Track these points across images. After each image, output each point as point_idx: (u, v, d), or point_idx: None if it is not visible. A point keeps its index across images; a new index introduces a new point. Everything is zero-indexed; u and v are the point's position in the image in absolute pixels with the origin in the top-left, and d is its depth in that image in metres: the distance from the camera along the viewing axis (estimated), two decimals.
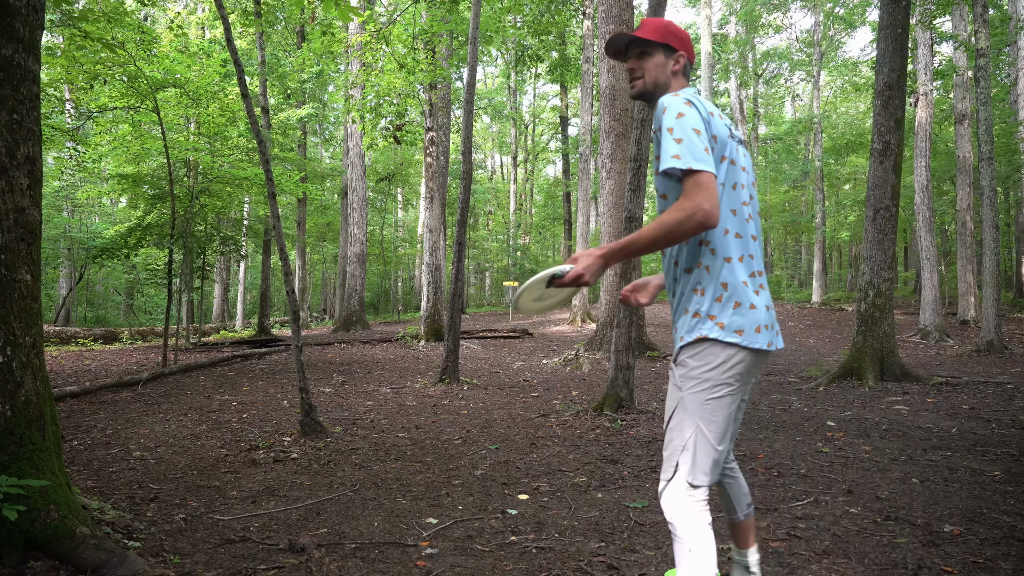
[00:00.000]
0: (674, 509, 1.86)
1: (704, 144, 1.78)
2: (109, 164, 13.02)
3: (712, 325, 1.87)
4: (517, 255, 30.39)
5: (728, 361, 1.86)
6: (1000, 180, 17.62)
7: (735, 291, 1.87)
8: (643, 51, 2.01)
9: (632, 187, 5.88)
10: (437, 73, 11.33)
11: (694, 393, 1.87)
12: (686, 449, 1.87)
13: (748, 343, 1.85)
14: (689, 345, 1.90)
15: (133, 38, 9.03)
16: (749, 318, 1.87)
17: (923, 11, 12.83)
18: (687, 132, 1.78)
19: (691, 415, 1.87)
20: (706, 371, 1.86)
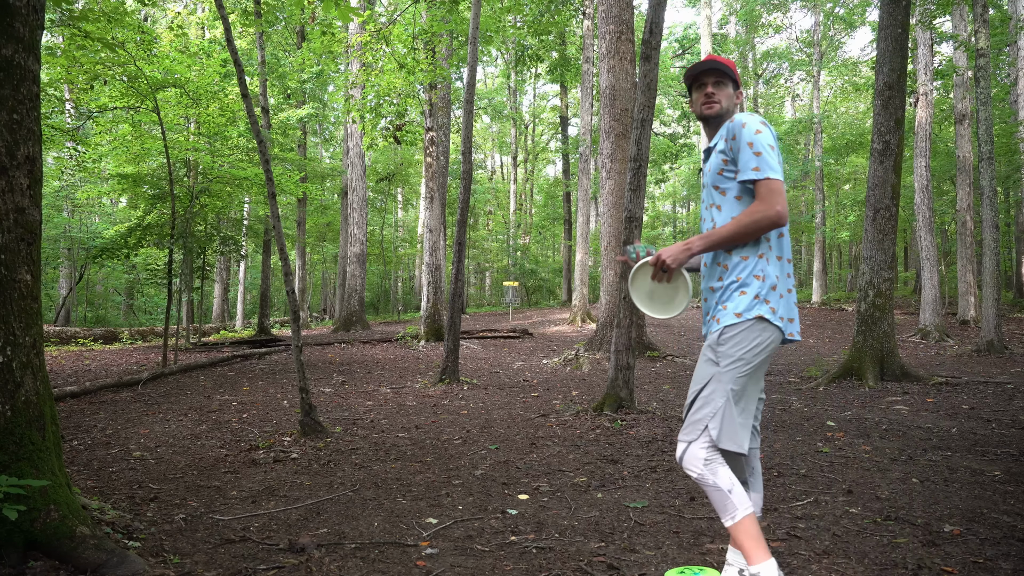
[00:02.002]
0: (698, 464, 2.13)
1: (777, 158, 2.14)
2: (109, 164, 13.02)
3: (767, 308, 2.16)
4: (517, 255, 30.38)
5: (766, 342, 2.16)
6: (1000, 180, 17.62)
7: (783, 283, 2.21)
8: (721, 81, 2.33)
9: (632, 187, 5.88)
10: (437, 73, 11.32)
11: (728, 368, 2.14)
12: (716, 415, 2.14)
13: (787, 329, 2.19)
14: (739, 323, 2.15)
15: (133, 38, 9.03)
16: (786, 307, 2.20)
17: (923, 11, 12.83)
18: (764, 147, 2.12)
19: (724, 384, 2.14)
20: (747, 349, 2.14)
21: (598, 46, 12.22)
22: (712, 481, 2.11)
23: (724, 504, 2.10)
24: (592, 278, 24.35)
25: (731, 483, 2.10)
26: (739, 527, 2.08)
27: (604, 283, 10.88)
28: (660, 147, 27.51)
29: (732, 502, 2.08)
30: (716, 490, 2.11)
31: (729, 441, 2.12)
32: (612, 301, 10.59)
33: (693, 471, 2.14)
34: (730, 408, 2.13)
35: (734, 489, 2.10)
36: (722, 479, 2.10)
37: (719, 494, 2.10)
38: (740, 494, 2.10)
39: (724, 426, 2.13)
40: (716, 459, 2.13)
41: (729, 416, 2.13)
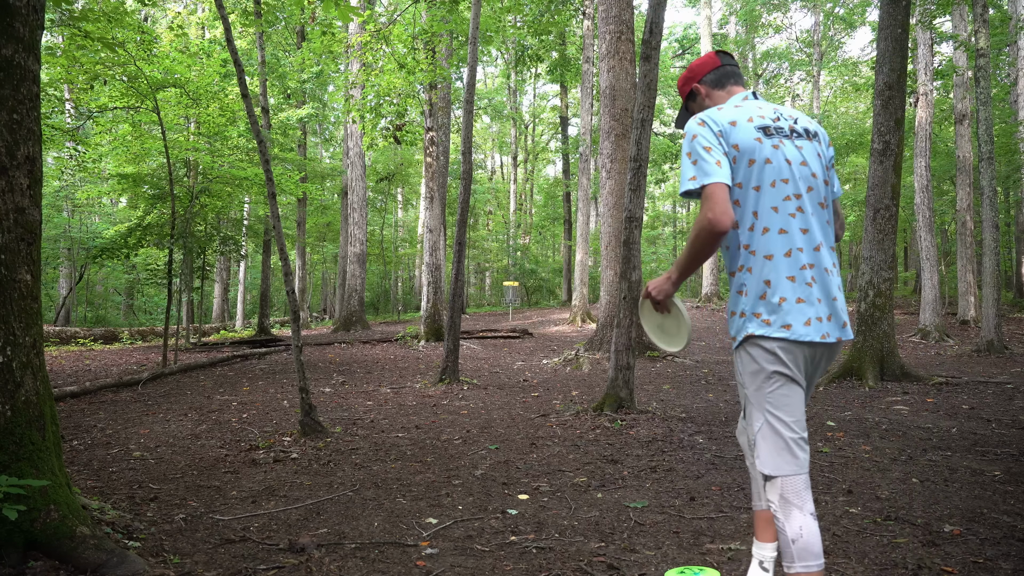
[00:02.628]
0: (771, 499, 1.93)
1: (716, 158, 1.91)
2: (109, 164, 13.02)
3: (759, 322, 1.93)
4: (517, 255, 30.38)
5: (778, 352, 1.91)
6: (1000, 180, 17.62)
7: (779, 287, 1.92)
8: (687, 107, 2.28)
9: (632, 187, 5.88)
10: (437, 73, 11.32)
11: (753, 389, 1.96)
12: (757, 443, 1.95)
13: (797, 336, 1.90)
14: (741, 345, 1.99)
15: (133, 38, 9.03)
16: (796, 312, 1.91)
17: (923, 11, 12.83)
18: (698, 151, 1.93)
19: (756, 408, 1.95)
20: (755, 366, 1.94)
21: (598, 46, 12.22)
22: (779, 524, 1.90)
23: (785, 550, 1.89)
24: (592, 278, 24.33)
25: (798, 533, 1.86)
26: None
27: (604, 283, 10.88)
28: (660, 147, 27.48)
29: (791, 551, 1.86)
30: (781, 533, 1.90)
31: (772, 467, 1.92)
32: (612, 301, 10.59)
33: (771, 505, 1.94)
34: (768, 430, 1.93)
35: (798, 541, 1.85)
36: (791, 526, 1.87)
37: (782, 539, 1.89)
38: (804, 547, 1.85)
39: (766, 452, 1.93)
40: (791, 495, 1.89)
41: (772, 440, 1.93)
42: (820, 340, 1.91)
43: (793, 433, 1.91)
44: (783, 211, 1.94)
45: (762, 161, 1.94)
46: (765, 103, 2.07)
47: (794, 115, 2.07)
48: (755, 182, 1.95)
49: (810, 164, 2.01)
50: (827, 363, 2.03)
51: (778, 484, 1.90)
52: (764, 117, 2.00)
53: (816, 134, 2.07)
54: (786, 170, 1.96)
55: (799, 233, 1.95)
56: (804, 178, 1.98)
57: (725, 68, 2.19)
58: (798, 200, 1.96)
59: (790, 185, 1.96)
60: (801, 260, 1.94)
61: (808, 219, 1.97)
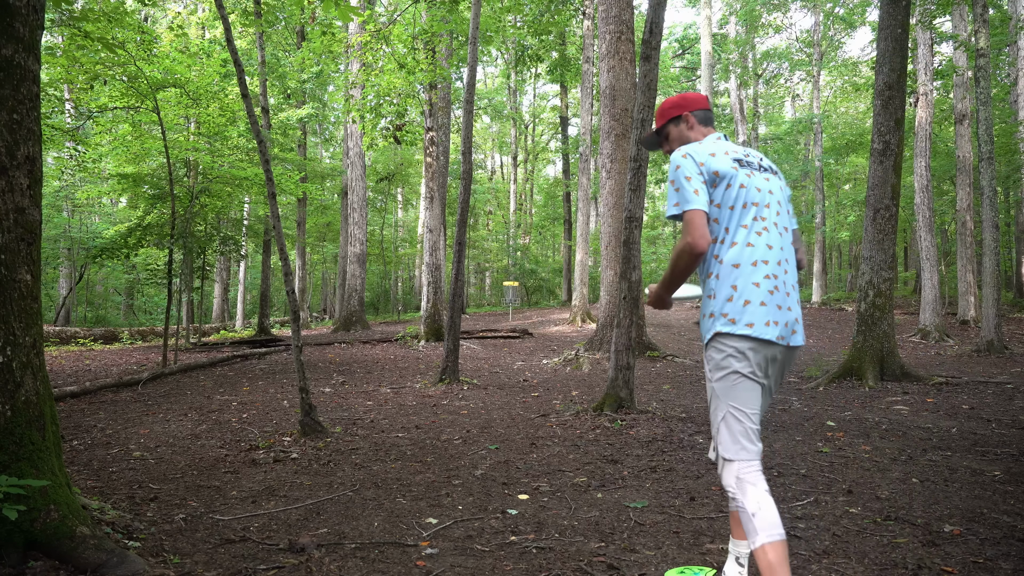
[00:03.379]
0: (728, 482, 2.14)
1: (695, 187, 2.18)
2: (109, 164, 13.02)
3: (725, 321, 2.17)
4: (517, 255, 30.37)
5: (742, 350, 2.15)
6: (1000, 180, 17.62)
7: (745, 292, 2.17)
8: (665, 135, 2.52)
9: (632, 187, 5.88)
10: (437, 73, 11.32)
11: (718, 381, 2.19)
12: (719, 430, 2.18)
13: (758, 334, 2.14)
14: (709, 342, 2.23)
15: (133, 38, 9.03)
16: (759, 313, 2.15)
17: (923, 11, 12.83)
18: (681, 181, 2.21)
19: (719, 399, 2.18)
20: (721, 360, 2.17)
21: (598, 46, 12.22)
22: (739, 502, 2.09)
23: (747, 526, 2.05)
24: (592, 278, 24.33)
25: (756, 506, 2.04)
26: (758, 553, 2.01)
27: (604, 283, 10.88)
28: None
29: (753, 525, 2.02)
30: (742, 511, 2.07)
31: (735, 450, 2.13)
32: (612, 301, 10.59)
33: (725, 487, 2.16)
34: (730, 418, 2.16)
35: (758, 513, 2.02)
36: (748, 501, 2.06)
37: (743, 516, 2.06)
38: (764, 519, 2.02)
39: (727, 437, 2.16)
40: (746, 476, 2.09)
41: (732, 427, 2.15)
42: (776, 340, 2.15)
43: (752, 424, 2.14)
44: (751, 228, 2.22)
45: (737, 185, 2.23)
46: (732, 144, 2.37)
47: (758, 155, 2.41)
48: (730, 203, 2.23)
49: (775, 193, 2.31)
50: (784, 367, 2.28)
51: (735, 467, 2.12)
52: (736, 153, 2.32)
53: (777, 172, 2.41)
54: (756, 195, 2.25)
55: (765, 248, 2.22)
56: (771, 204, 2.28)
57: (709, 112, 2.49)
58: (764, 221, 2.24)
59: (759, 208, 2.24)
60: (765, 271, 2.19)
61: (773, 238, 2.24)
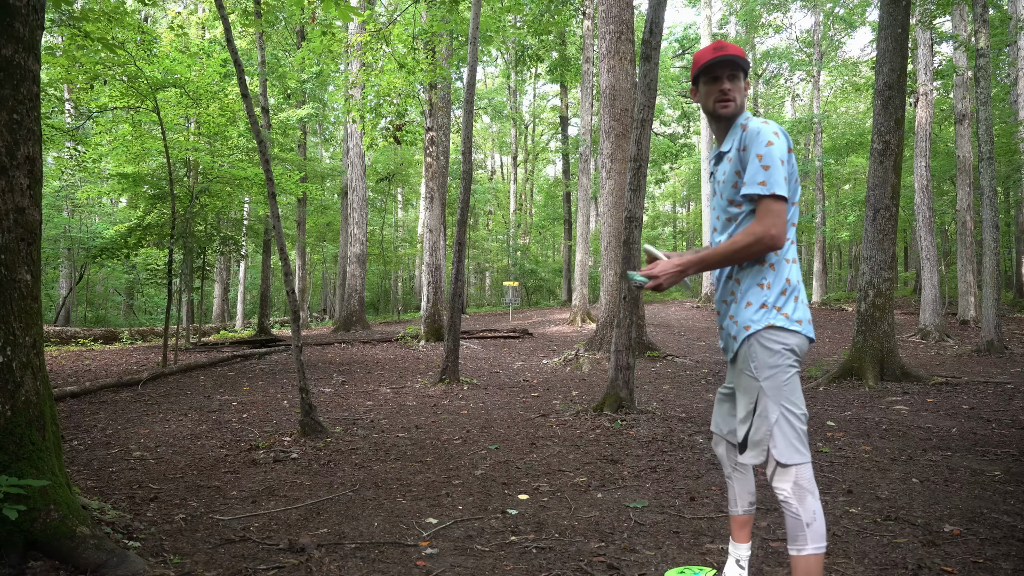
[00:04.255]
0: (783, 487, 2.01)
1: (785, 173, 2.02)
2: (109, 164, 13.02)
3: (778, 314, 2.07)
4: (517, 255, 30.37)
5: (793, 346, 2.06)
6: (1000, 180, 17.62)
7: (796, 287, 2.10)
8: (735, 75, 2.15)
9: (632, 187, 5.88)
10: (437, 73, 11.32)
11: (769, 379, 2.04)
12: (773, 434, 2.03)
13: (808, 332, 2.10)
14: (754, 335, 2.07)
15: (133, 38, 9.03)
16: (804, 311, 2.11)
17: (923, 11, 12.83)
18: (774, 161, 2.01)
19: (772, 399, 2.03)
20: (773, 357, 2.04)
21: (598, 46, 12.22)
22: (793, 510, 2.00)
23: (795, 531, 1.99)
24: (592, 278, 24.33)
25: (812, 516, 1.97)
26: (799, 560, 1.97)
27: (604, 283, 10.88)
28: (660, 147, 27.50)
29: (808, 533, 1.96)
30: (794, 518, 1.99)
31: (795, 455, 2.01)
32: (612, 301, 10.59)
33: (779, 494, 2.04)
34: (784, 420, 2.02)
35: (814, 524, 1.97)
36: (805, 509, 1.98)
37: (793, 523, 1.99)
38: (816, 532, 1.96)
39: (784, 441, 2.01)
40: (804, 482, 2.00)
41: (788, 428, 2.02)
42: (812, 337, 2.12)
43: (803, 425, 2.05)
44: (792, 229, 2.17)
45: (794, 180, 2.10)
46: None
47: None
48: (794, 198, 2.11)
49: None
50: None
51: (792, 472, 2.00)
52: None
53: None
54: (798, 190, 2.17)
55: (795, 246, 2.19)
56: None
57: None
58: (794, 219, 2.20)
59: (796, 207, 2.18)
60: (799, 271, 2.20)
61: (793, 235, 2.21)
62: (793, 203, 2.09)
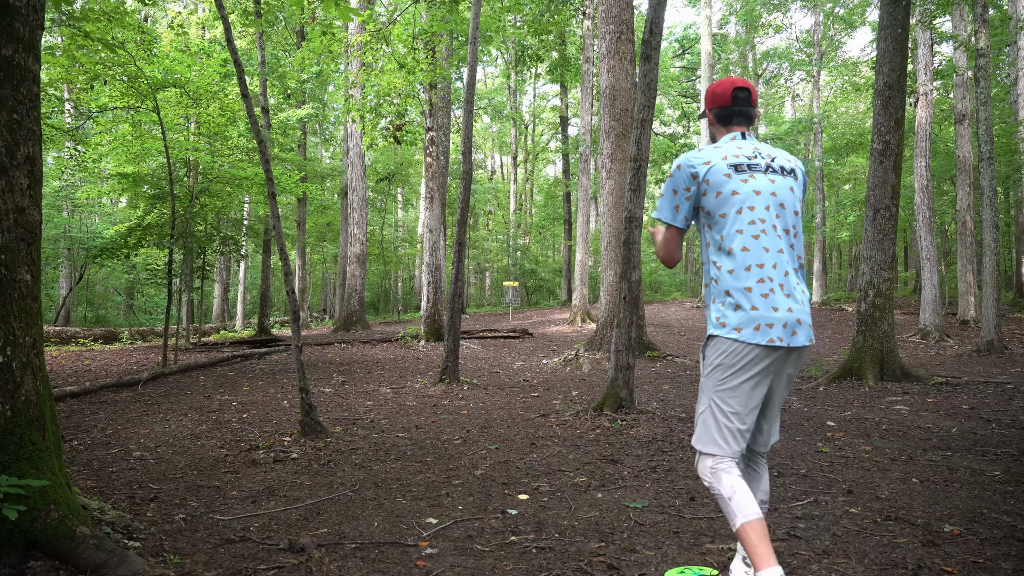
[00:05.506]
0: (702, 473, 2.26)
1: (677, 202, 2.32)
2: (109, 164, 13.02)
3: (717, 324, 2.27)
4: (517, 255, 30.37)
5: (732, 352, 2.21)
6: (1000, 180, 17.61)
7: (737, 297, 2.23)
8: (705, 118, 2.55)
9: (632, 187, 5.88)
10: (437, 73, 11.32)
11: (706, 377, 2.29)
12: (698, 423, 2.29)
13: (746, 339, 2.19)
14: (705, 342, 2.34)
15: (133, 38, 9.03)
16: (748, 317, 2.20)
17: (923, 11, 12.83)
18: (667, 190, 2.35)
19: (705, 394, 2.28)
20: (714, 360, 2.26)
21: (598, 46, 12.22)
22: (714, 489, 2.20)
23: (725, 510, 2.17)
24: (592, 278, 24.33)
25: (732, 490, 2.15)
26: (739, 533, 2.12)
27: (604, 283, 10.88)
28: (660, 147, 27.49)
29: (731, 508, 2.13)
30: (719, 497, 2.18)
31: (712, 446, 2.23)
32: (612, 301, 10.59)
33: (701, 478, 2.28)
34: (710, 414, 2.24)
35: (734, 497, 2.13)
36: (724, 486, 2.16)
37: (721, 501, 2.18)
38: (740, 501, 2.13)
39: (706, 432, 2.25)
40: (721, 466, 2.20)
41: (711, 422, 2.24)
42: (766, 344, 2.18)
43: (730, 423, 2.21)
44: (747, 233, 2.24)
45: (728, 193, 2.26)
46: (748, 143, 2.37)
47: (773, 154, 2.37)
48: (722, 210, 2.26)
49: (780, 195, 2.30)
50: (792, 366, 2.30)
51: (708, 461, 2.23)
52: (739, 156, 2.32)
53: (792, 171, 2.37)
54: (753, 199, 2.26)
55: (760, 251, 2.24)
56: (771, 206, 2.28)
57: (733, 109, 2.40)
58: (762, 224, 2.25)
59: (755, 211, 2.26)
60: (759, 274, 2.23)
61: (770, 241, 2.25)
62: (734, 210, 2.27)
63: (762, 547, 2.07)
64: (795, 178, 2.36)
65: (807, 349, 2.29)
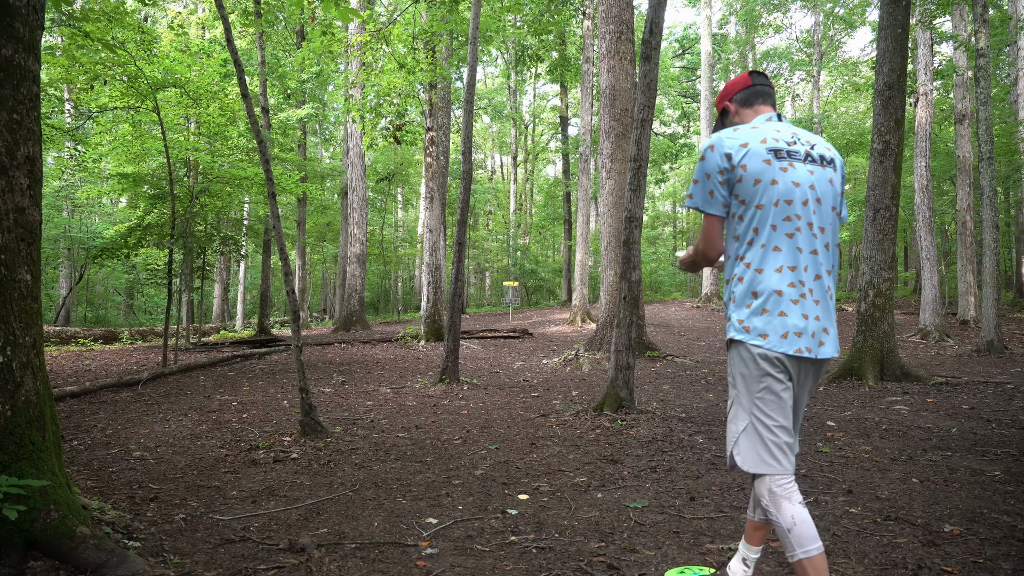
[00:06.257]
0: (760, 493, 2.04)
1: (711, 187, 2.10)
2: (109, 164, 13.02)
3: (740, 329, 2.07)
4: (517, 255, 30.37)
5: (756, 360, 2.03)
6: (1000, 180, 17.61)
7: (765, 300, 2.04)
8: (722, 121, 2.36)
9: (632, 187, 5.88)
10: (437, 73, 11.32)
11: (738, 389, 2.08)
12: (741, 442, 2.06)
13: (772, 347, 2.01)
14: (727, 346, 2.15)
15: (133, 38, 9.03)
16: (776, 323, 2.02)
17: (923, 11, 12.83)
18: (700, 176, 2.12)
19: (743, 409, 2.06)
20: (740, 369, 2.07)
21: (598, 46, 12.22)
22: (774, 516, 2.01)
23: (783, 540, 1.99)
24: (592, 278, 24.33)
25: (792, 522, 1.96)
26: (796, 568, 1.96)
27: (604, 283, 10.88)
28: (660, 147, 27.51)
29: (790, 540, 1.96)
30: (777, 526, 2.01)
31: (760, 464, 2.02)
32: (612, 301, 10.59)
33: (761, 500, 2.05)
34: (751, 430, 2.04)
35: (793, 529, 1.95)
36: (784, 516, 1.97)
37: (779, 531, 2.00)
38: (800, 534, 1.94)
39: (747, 448, 2.04)
40: (779, 490, 2.00)
41: (753, 438, 2.04)
42: (794, 353, 2.01)
43: (776, 437, 2.01)
44: (781, 230, 2.05)
45: (767, 182, 2.05)
46: (786, 126, 2.15)
47: (812, 140, 2.15)
48: (759, 200, 2.05)
49: (818, 188, 2.09)
50: (813, 379, 2.12)
51: (765, 481, 2.02)
52: (779, 140, 2.10)
53: (832, 161, 2.15)
54: (791, 191, 2.05)
55: (795, 252, 2.05)
56: (809, 201, 2.07)
57: (755, 88, 2.26)
58: (798, 221, 2.05)
59: (792, 207, 2.05)
60: (790, 278, 2.04)
61: (804, 240, 2.06)
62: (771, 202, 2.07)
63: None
64: (834, 169, 2.15)
65: (830, 360, 2.14)
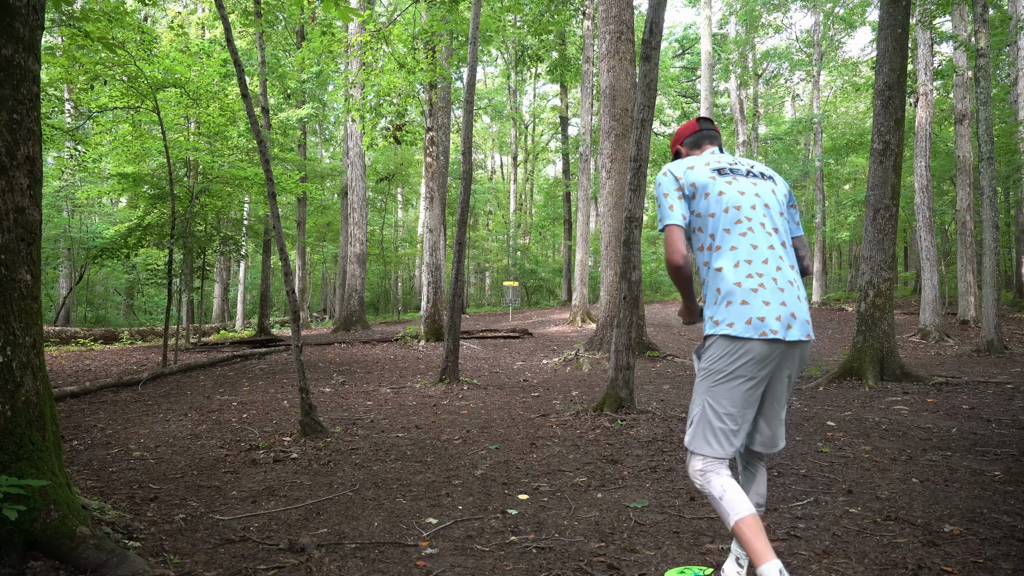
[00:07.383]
0: (692, 474, 2.28)
1: (670, 203, 2.34)
2: (109, 164, 13.02)
3: (711, 324, 2.28)
4: (517, 255, 30.36)
5: (727, 351, 2.22)
6: (1000, 180, 17.61)
7: (727, 294, 2.24)
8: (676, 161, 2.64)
9: (632, 187, 5.88)
10: (437, 73, 11.32)
11: (700, 378, 2.31)
12: (692, 423, 2.31)
13: (739, 333, 2.19)
14: (701, 343, 2.36)
15: (133, 38, 9.03)
16: (739, 312, 2.20)
17: (923, 11, 12.82)
18: (660, 198, 2.37)
19: (699, 395, 2.31)
20: (709, 360, 2.27)
21: (598, 46, 12.22)
22: (704, 489, 2.23)
23: (718, 510, 2.19)
24: (592, 278, 24.33)
25: (722, 490, 2.18)
26: (735, 531, 2.14)
27: (604, 283, 10.87)
28: (660, 147, 27.48)
29: (723, 508, 2.16)
30: (710, 498, 2.21)
31: (704, 445, 2.25)
32: (612, 301, 10.59)
33: (691, 478, 2.30)
34: (704, 416, 2.26)
35: (724, 496, 2.17)
36: (714, 487, 2.20)
37: (713, 501, 2.21)
38: (731, 500, 2.15)
39: (698, 432, 2.27)
40: (710, 468, 2.23)
41: (705, 423, 2.26)
42: (758, 337, 2.17)
43: (723, 424, 2.23)
44: (735, 231, 2.29)
45: (716, 193, 2.32)
46: (727, 156, 2.49)
47: (751, 163, 2.48)
48: (711, 210, 2.32)
49: (763, 196, 2.36)
50: (790, 366, 2.28)
51: (698, 460, 2.26)
52: (720, 163, 2.41)
53: (771, 177, 2.46)
54: (738, 199, 2.32)
55: (748, 248, 2.27)
56: (756, 206, 2.33)
57: (702, 132, 2.57)
58: (749, 222, 2.30)
59: (742, 211, 2.31)
60: (747, 270, 2.24)
61: (758, 238, 2.28)
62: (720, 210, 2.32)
63: (758, 543, 2.07)
64: (775, 183, 2.44)
65: (806, 348, 2.28)
